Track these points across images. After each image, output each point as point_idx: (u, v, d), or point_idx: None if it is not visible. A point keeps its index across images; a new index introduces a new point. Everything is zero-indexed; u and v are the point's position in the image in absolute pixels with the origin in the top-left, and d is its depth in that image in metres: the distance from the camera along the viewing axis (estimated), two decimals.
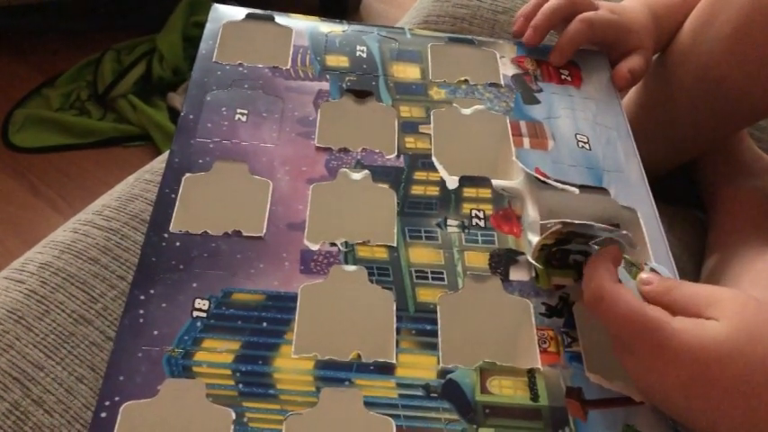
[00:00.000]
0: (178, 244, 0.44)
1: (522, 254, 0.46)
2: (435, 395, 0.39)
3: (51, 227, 0.54)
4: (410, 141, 0.52)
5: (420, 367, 0.40)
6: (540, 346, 0.42)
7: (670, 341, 0.35)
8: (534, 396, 0.39)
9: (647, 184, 0.51)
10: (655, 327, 0.35)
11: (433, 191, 0.49)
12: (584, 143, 0.54)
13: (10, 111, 1.39)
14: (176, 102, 1.35)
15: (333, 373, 0.39)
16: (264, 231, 0.45)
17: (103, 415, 0.36)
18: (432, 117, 0.53)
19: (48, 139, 1.34)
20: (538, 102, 0.56)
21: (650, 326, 0.36)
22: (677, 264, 0.47)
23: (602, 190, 0.50)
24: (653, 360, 0.36)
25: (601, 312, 0.38)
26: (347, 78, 0.55)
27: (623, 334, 0.37)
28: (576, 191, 0.50)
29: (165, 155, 0.50)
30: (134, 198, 0.54)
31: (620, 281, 0.40)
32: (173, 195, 0.47)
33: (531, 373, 0.40)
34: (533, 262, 0.45)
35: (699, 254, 0.57)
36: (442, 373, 0.40)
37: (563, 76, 0.58)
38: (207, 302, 0.42)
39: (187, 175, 0.48)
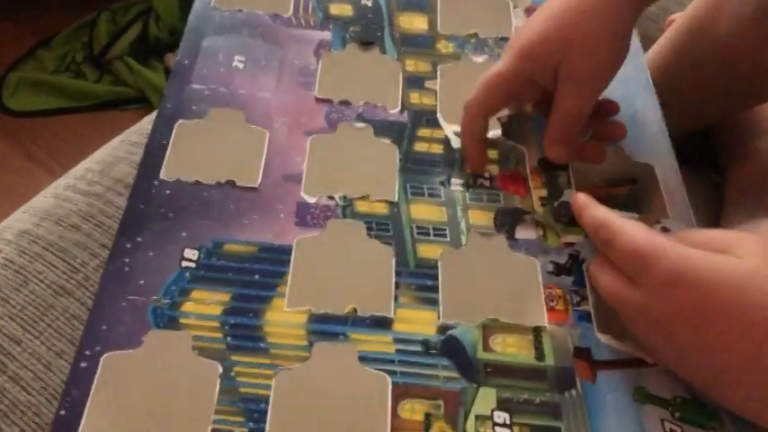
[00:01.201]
0: (168, 192, 0.42)
1: (529, 213, 0.44)
2: (434, 351, 0.37)
3: None
4: (415, 97, 0.50)
5: (419, 322, 0.38)
6: (547, 304, 0.39)
7: (683, 266, 0.33)
8: (539, 355, 0.37)
9: (667, 136, 0.49)
10: (668, 252, 0.33)
11: (438, 149, 0.47)
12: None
13: (4, 74, 1.35)
14: (173, 63, 1.31)
15: (327, 326, 0.37)
16: (259, 182, 0.43)
17: (83, 365, 0.35)
18: (438, 72, 0.51)
19: (42, 102, 1.29)
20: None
21: (662, 252, 0.34)
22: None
23: (615, 146, 0.48)
24: (662, 288, 0.33)
25: (608, 246, 0.36)
26: (351, 29, 0.52)
27: (631, 265, 0.35)
28: None
29: (152, 114, 0.47)
30: (119, 161, 0.50)
31: None
32: (164, 142, 0.44)
33: (536, 331, 0.38)
34: (538, 213, 0.43)
35: (715, 217, 0.55)
36: (443, 329, 0.38)
37: None
38: (196, 252, 0.40)
39: (180, 121, 0.46)
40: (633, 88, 0.52)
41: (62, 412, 0.33)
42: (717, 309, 0.32)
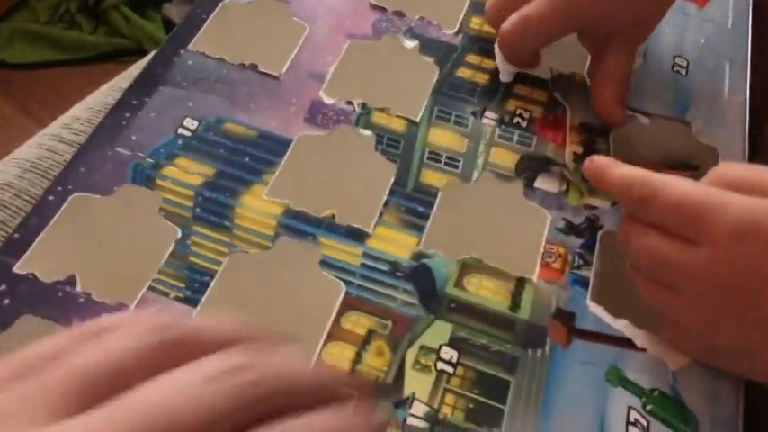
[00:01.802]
0: (190, 62, 0.41)
1: (558, 165, 0.39)
2: (401, 275, 0.34)
3: None
4: (476, 22, 0.46)
5: (396, 244, 0.35)
6: (543, 258, 0.35)
7: (754, 214, 0.28)
8: (514, 306, 0.33)
9: (746, 125, 0.43)
10: (732, 201, 0.28)
11: (482, 78, 0.43)
12: (682, 67, 0.45)
13: None
14: (172, 13, 1.19)
15: (299, 224, 0.35)
16: (283, 72, 0.41)
17: (51, 198, 0.35)
18: None
19: (37, 54, 1.22)
20: None
21: (724, 201, 0.29)
22: None
23: (682, 123, 0.42)
24: (733, 241, 0.28)
25: (648, 204, 0.31)
26: None
27: (686, 221, 0.30)
28: (647, 121, 0.42)
29: (146, 60, 0.43)
30: (107, 109, 0.42)
31: None
32: (204, 16, 0.44)
33: (520, 281, 0.34)
34: (568, 166, 0.39)
35: None
36: (417, 256, 0.35)
37: None
38: (197, 123, 0.39)
39: (227, 0, 0.45)
40: (727, 64, 0.46)
41: (16, 235, 0.33)
42: None
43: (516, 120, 0.41)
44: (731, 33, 0.48)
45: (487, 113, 0.41)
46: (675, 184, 0.30)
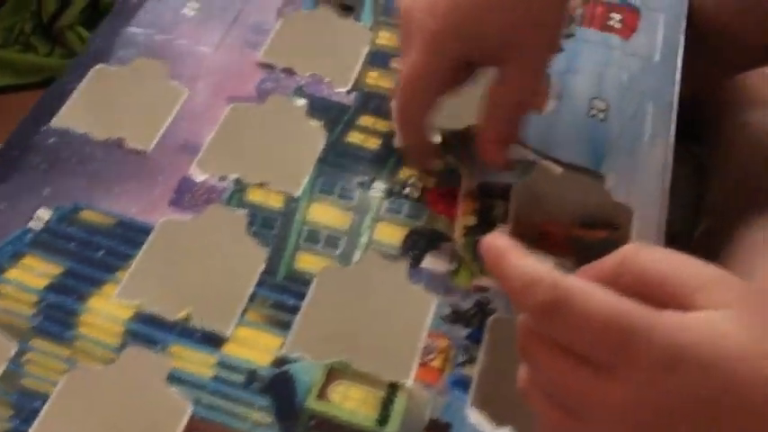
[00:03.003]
0: (52, 140, 0.38)
1: (449, 240, 0.36)
2: (258, 387, 0.31)
3: None
4: (372, 76, 0.42)
5: (257, 348, 0.32)
6: (422, 357, 0.32)
7: (680, 342, 0.23)
8: (382, 419, 0.30)
9: (667, 177, 0.39)
10: (657, 326, 0.23)
11: (374, 143, 0.39)
12: (600, 111, 0.42)
13: None
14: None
15: (149, 330, 0.32)
16: (152, 147, 0.38)
17: None
18: None
19: None
20: (560, 50, 0.44)
21: (650, 326, 0.23)
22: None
23: (596, 175, 0.39)
24: (657, 375, 0.23)
25: (561, 323, 0.25)
26: None
27: (604, 346, 0.24)
28: (559, 170, 0.39)
29: None
30: None
31: None
32: (71, 86, 0.40)
33: (392, 388, 0.31)
34: (457, 243, 0.35)
35: (692, 206, 0.43)
36: (280, 362, 0.31)
37: (610, 22, 0.46)
38: (50, 213, 0.35)
39: (99, 66, 0.41)
40: (650, 105, 0.42)
41: None
42: (726, 391, 0.23)
43: (408, 190, 0.38)
44: (658, 68, 0.44)
45: (376, 184, 0.38)
46: (588, 294, 0.24)
